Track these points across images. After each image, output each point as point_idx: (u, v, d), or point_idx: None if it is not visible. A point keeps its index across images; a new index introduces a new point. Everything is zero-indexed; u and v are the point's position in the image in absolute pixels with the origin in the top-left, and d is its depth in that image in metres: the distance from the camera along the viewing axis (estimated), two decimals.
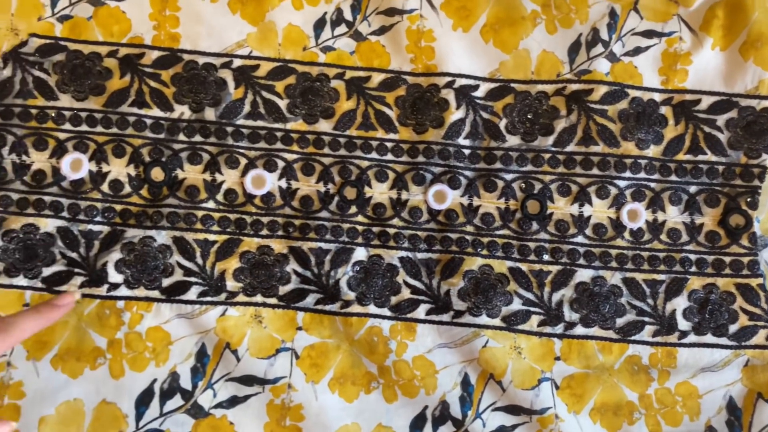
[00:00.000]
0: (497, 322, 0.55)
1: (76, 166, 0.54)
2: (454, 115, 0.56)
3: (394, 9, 0.56)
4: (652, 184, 0.56)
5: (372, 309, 0.55)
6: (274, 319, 0.54)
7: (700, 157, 0.56)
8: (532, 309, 0.55)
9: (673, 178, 0.56)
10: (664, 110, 0.56)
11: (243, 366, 0.54)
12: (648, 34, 0.56)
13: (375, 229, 0.55)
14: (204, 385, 0.54)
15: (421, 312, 0.55)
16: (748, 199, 0.55)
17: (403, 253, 0.55)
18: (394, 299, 0.55)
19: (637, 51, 0.56)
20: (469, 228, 0.56)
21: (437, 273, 0.55)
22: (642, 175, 0.56)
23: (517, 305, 0.55)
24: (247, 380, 0.54)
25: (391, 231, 0.55)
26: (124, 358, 0.53)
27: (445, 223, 0.55)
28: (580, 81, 0.56)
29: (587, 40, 0.56)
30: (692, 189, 0.56)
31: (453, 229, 0.55)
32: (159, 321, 0.54)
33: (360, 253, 0.55)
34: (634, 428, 0.54)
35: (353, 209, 0.55)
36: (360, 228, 0.55)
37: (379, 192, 0.56)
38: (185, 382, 0.53)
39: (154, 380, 0.53)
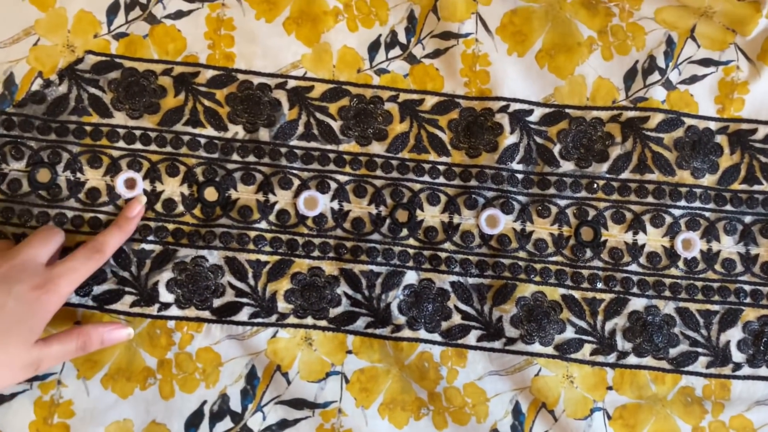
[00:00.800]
0: (550, 350, 0.54)
1: (130, 184, 0.54)
2: (508, 139, 0.55)
3: (450, 33, 0.56)
4: (707, 214, 0.55)
5: (422, 334, 0.54)
6: (324, 341, 0.54)
7: (756, 187, 0.55)
8: (585, 337, 0.54)
9: (729, 207, 0.55)
10: (720, 139, 0.56)
11: (293, 389, 0.53)
12: (705, 62, 0.56)
13: (426, 253, 0.55)
14: (254, 408, 0.53)
15: (472, 338, 0.54)
16: None
17: (455, 278, 0.55)
18: (444, 324, 0.55)
19: (693, 79, 0.56)
20: (522, 254, 0.55)
21: (489, 299, 0.55)
22: (697, 204, 0.55)
23: (570, 333, 0.54)
24: (298, 404, 0.53)
25: (443, 255, 0.55)
26: (174, 379, 0.53)
27: (497, 248, 0.55)
28: (636, 108, 0.55)
29: (644, 67, 0.56)
30: (747, 219, 0.55)
31: (505, 255, 0.55)
32: (209, 342, 0.53)
33: (411, 277, 0.55)
34: None
35: (404, 232, 0.55)
36: (411, 251, 0.55)
37: (431, 215, 0.55)
38: (235, 405, 0.53)
39: (204, 402, 0.53)
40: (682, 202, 0.55)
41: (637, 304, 0.55)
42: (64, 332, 0.48)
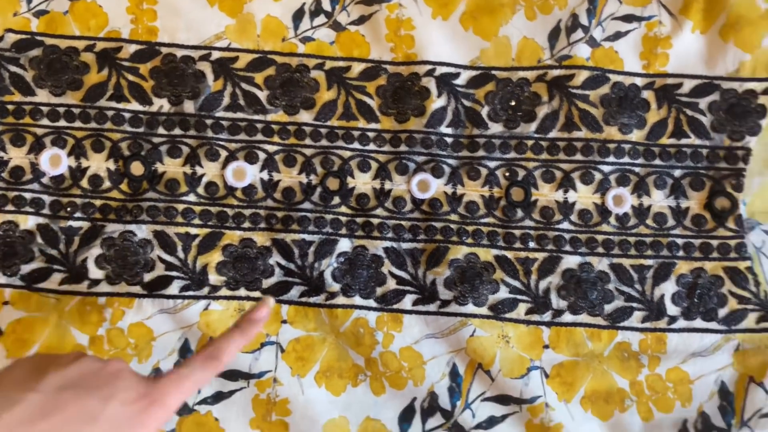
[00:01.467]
0: (484, 310, 0.54)
1: (55, 161, 0.53)
2: (436, 103, 0.55)
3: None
4: (637, 169, 0.55)
5: (357, 300, 0.54)
6: None
7: (684, 141, 0.56)
8: (519, 297, 0.54)
9: (658, 162, 0.55)
10: (647, 94, 0.56)
11: None
12: (627, 18, 0.56)
13: (359, 220, 0.55)
14: None
15: (407, 302, 0.54)
16: (734, 182, 0.55)
17: (388, 244, 0.55)
18: (379, 290, 0.54)
19: (617, 36, 0.56)
20: (454, 216, 0.55)
21: (423, 263, 0.55)
22: (626, 159, 0.55)
23: (503, 293, 0.54)
24: (232, 375, 0.53)
25: (375, 221, 0.55)
26: (106, 355, 0.52)
27: (429, 212, 0.55)
28: (561, 67, 0.56)
29: (567, 25, 0.56)
30: (677, 173, 0.55)
31: (437, 218, 0.55)
32: (141, 317, 0.53)
33: (344, 245, 0.55)
34: (626, 416, 0.54)
35: (336, 200, 0.55)
36: (344, 219, 0.55)
37: (362, 182, 0.55)
38: None
39: None
40: (611, 158, 0.55)
41: (570, 261, 0.55)
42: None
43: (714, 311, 0.54)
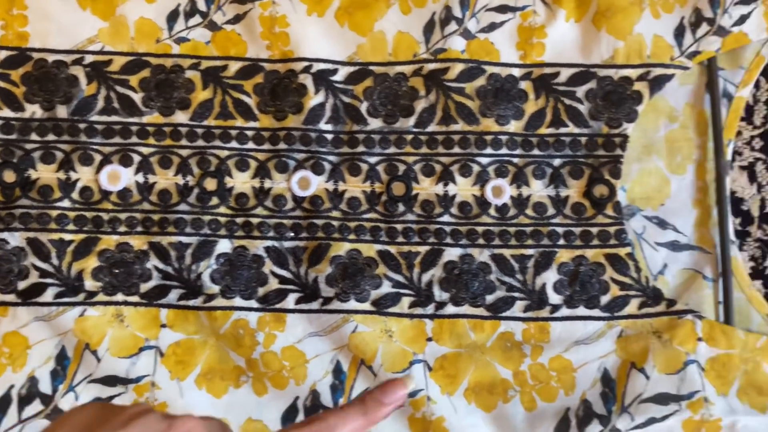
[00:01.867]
0: (366, 306, 0.54)
1: None
2: (313, 100, 0.55)
3: None
4: (515, 160, 0.56)
5: (238, 302, 0.53)
6: (136, 317, 0.53)
7: (562, 130, 0.56)
8: (402, 291, 0.54)
9: (536, 152, 0.56)
10: (524, 85, 0.56)
11: (104, 366, 0.52)
12: (502, 9, 0.56)
13: (239, 220, 0.54)
14: (65, 389, 0.52)
15: (290, 302, 0.54)
16: (611, 169, 0.55)
17: (269, 243, 0.54)
18: (261, 290, 0.54)
19: (492, 27, 0.56)
20: (336, 213, 0.55)
21: (305, 261, 0.54)
22: (504, 150, 0.55)
23: (386, 288, 0.54)
24: (109, 380, 0.52)
25: (255, 221, 0.54)
26: None
27: (310, 209, 0.55)
28: (436, 60, 0.56)
29: (441, 18, 0.56)
30: (556, 162, 0.56)
31: (319, 215, 0.55)
32: (16, 325, 0.52)
33: (224, 245, 0.54)
34: (509, 406, 0.54)
35: (215, 200, 0.54)
36: (222, 219, 0.54)
37: (241, 181, 0.55)
38: (45, 387, 0.52)
39: (11, 386, 0.51)
40: (489, 150, 0.55)
41: (452, 253, 0.55)
42: None
43: (596, 298, 0.54)
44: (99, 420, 0.29)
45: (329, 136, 0.55)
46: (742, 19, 0.56)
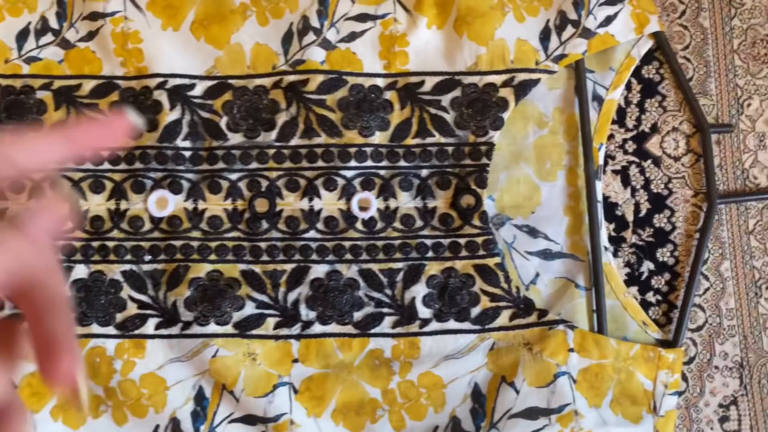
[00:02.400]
0: (228, 329, 0.52)
1: None
2: (169, 116, 0.53)
3: (97, 13, 0.54)
4: (381, 172, 0.54)
5: (95, 329, 0.52)
6: None
7: (429, 140, 0.54)
8: (267, 311, 0.52)
9: (402, 163, 0.54)
10: (389, 95, 0.55)
11: None
12: (362, 18, 0.55)
13: (95, 244, 0.52)
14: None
15: (150, 327, 0.52)
16: (477, 178, 0.54)
17: (127, 267, 0.52)
18: (119, 316, 0.52)
19: (352, 36, 0.55)
20: (195, 233, 0.53)
21: (163, 284, 0.52)
22: (369, 163, 0.54)
23: (250, 309, 0.52)
24: None
25: (111, 244, 0.53)
26: None
27: (168, 230, 0.53)
28: (295, 72, 0.54)
29: (298, 29, 0.54)
30: (423, 173, 0.54)
31: (177, 236, 0.53)
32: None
33: (80, 271, 0.52)
34: (377, 426, 0.52)
35: (69, 225, 0.52)
36: (78, 244, 0.52)
37: (96, 204, 0.53)
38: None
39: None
40: (353, 163, 0.54)
41: (318, 270, 0.53)
42: None
43: (467, 311, 0.53)
44: None
45: (187, 153, 0.54)
46: (608, 20, 0.55)
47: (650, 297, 0.56)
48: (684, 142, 0.57)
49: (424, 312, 0.53)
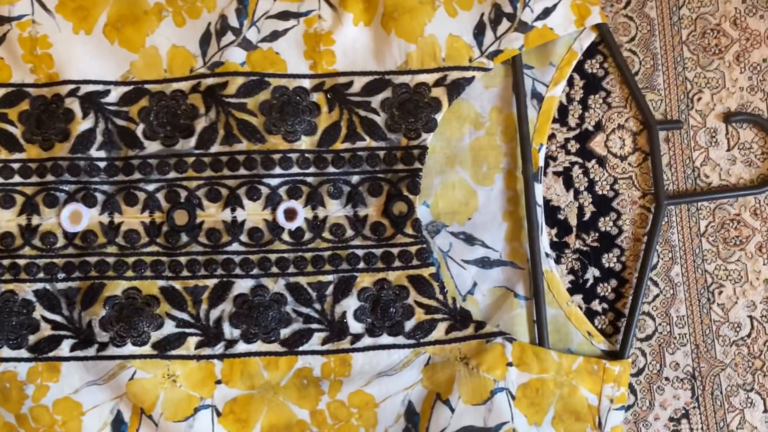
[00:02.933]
0: (146, 349, 0.49)
1: None
2: (82, 125, 0.50)
3: (2, 17, 0.51)
4: (309, 179, 0.51)
5: (5, 352, 0.49)
6: None
7: (359, 144, 0.51)
8: (188, 330, 0.50)
9: (331, 169, 0.51)
10: (316, 97, 0.51)
11: None
12: (284, 15, 0.52)
13: (5, 262, 0.50)
14: None
15: (65, 349, 0.49)
16: (409, 184, 0.50)
17: (39, 285, 0.50)
18: (32, 338, 0.49)
19: (275, 36, 0.51)
20: (111, 249, 0.50)
21: (78, 303, 0.50)
22: (295, 170, 0.51)
23: (169, 328, 0.49)
24: None
25: (22, 262, 0.50)
26: None
27: (83, 246, 0.50)
28: (214, 75, 0.51)
29: (216, 29, 0.51)
30: (354, 179, 0.51)
31: (92, 252, 0.50)
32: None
33: None
34: None
35: None
36: None
37: (6, 220, 0.50)
38: None
39: None
40: (277, 170, 0.51)
41: (243, 286, 0.50)
42: None
43: (400, 324, 0.50)
44: None
45: (102, 164, 0.51)
46: (546, 13, 0.51)
47: (596, 305, 0.53)
48: (630, 140, 0.54)
49: (355, 327, 0.50)
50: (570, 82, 0.54)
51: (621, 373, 0.50)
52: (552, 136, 0.54)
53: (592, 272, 0.53)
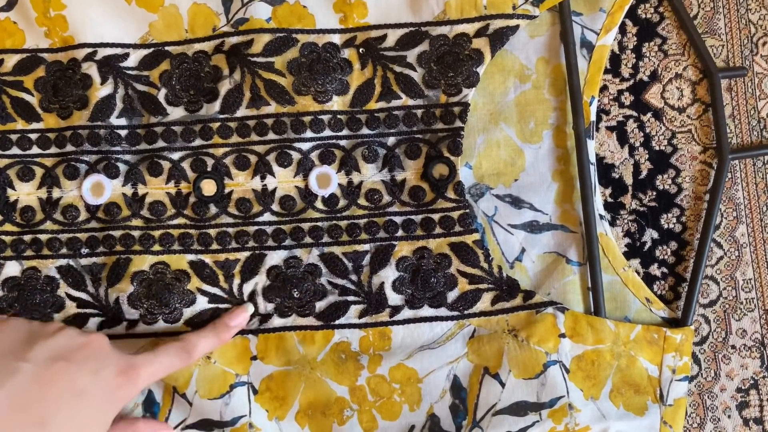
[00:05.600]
0: (179, 326, 0.47)
1: None
2: (100, 91, 0.47)
3: None
4: (342, 142, 0.48)
5: None
6: None
7: (394, 103, 0.48)
8: (221, 306, 0.47)
9: (365, 131, 0.48)
10: (348, 53, 0.48)
11: None
12: None
13: (26, 238, 0.47)
14: None
15: (92, 327, 0.47)
16: (450, 144, 0.47)
17: (62, 261, 0.47)
18: (58, 317, 0.47)
19: None
20: (137, 222, 0.47)
21: (104, 279, 0.47)
22: (327, 132, 0.48)
23: (202, 304, 0.47)
24: None
25: (44, 237, 0.47)
26: None
27: (106, 219, 0.47)
28: (237, 33, 0.47)
29: None
30: (390, 141, 0.48)
31: (116, 226, 0.47)
32: None
33: (12, 269, 0.47)
34: (346, 428, 0.47)
35: None
36: (7, 239, 0.47)
37: (26, 193, 0.48)
38: None
39: None
40: (308, 133, 0.47)
41: (275, 257, 0.47)
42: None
43: (442, 295, 0.47)
44: (28, 332, 0.40)
45: (123, 132, 0.48)
46: None
47: (654, 270, 0.49)
48: (689, 91, 0.50)
49: (394, 298, 0.47)
50: (622, 29, 0.50)
51: (683, 342, 0.47)
52: (604, 88, 0.50)
53: (650, 234, 0.49)
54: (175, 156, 0.48)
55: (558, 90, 0.49)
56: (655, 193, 0.50)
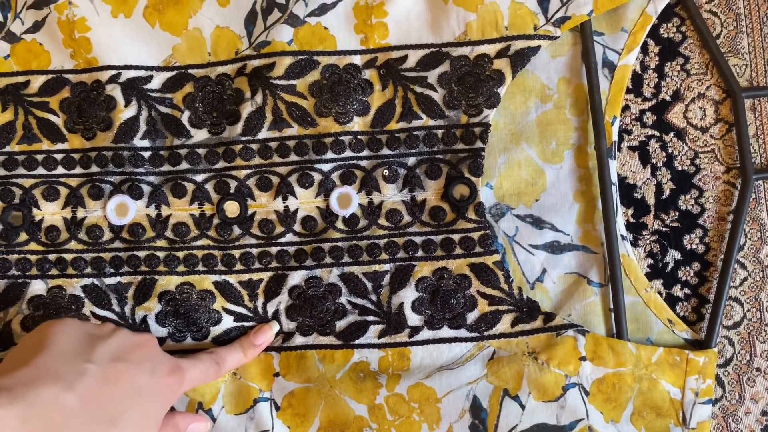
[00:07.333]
0: (207, 344, 0.48)
1: None
2: (124, 113, 0.48)
3: (42, 1, 0.49)
4: (362, 163, 0.48)
5: None
6: None
7: (415, 123, 0.48)
8: (246, 324, 0.48)
9: (386, 151, 0.48)
10: (368, 74, 0.48)
11: None
12: None
13: (51, 257, 0.48)
14: None
15: None
16: (471, 165, 0.47)
17: (87, 281, 0.48)
18: None
19: (323, 9, 0.48)
20: (161, 242, 0.48)
21: (130, 298, 0.48)
22: (348, 153, 0.48)
23: (228, 323, 0.48)
24: None
25: (69, 257, 0.48)
26: None
27: (130, 239, 0.48)
28: (260, 56, 0.48)
29: (262, 7, 0.48)
30: (410, 161, 0.48)
31: (140, 247, 0.48)
32: None
33: (37, 287, 0.48)
34: None
35: (22, 237, 0.48)
36: (33, 258, 0.48)
37: (51, 213, 0.48)
38: None
39: None
40: (329, 154, 0.48)
41: (296, 278, 0.48)
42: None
43: (462, 316, 0.47)
44: (87, 336, 0.41)
45: (146, 154, 0.48)
46: None
47: (677, 291, 0.49)
48: (712, 110, 0.50)
49: (413, 319, 0.47)
50: (644, 49, 0.49)
51: (706, 364, 0.46)
52: (626, 108, 0.49)
53: (673, 255, 0.49)
54: (199, 178, 0.48)
55: (579, 110, 0.48)
56: (677, 214, 0.49)
